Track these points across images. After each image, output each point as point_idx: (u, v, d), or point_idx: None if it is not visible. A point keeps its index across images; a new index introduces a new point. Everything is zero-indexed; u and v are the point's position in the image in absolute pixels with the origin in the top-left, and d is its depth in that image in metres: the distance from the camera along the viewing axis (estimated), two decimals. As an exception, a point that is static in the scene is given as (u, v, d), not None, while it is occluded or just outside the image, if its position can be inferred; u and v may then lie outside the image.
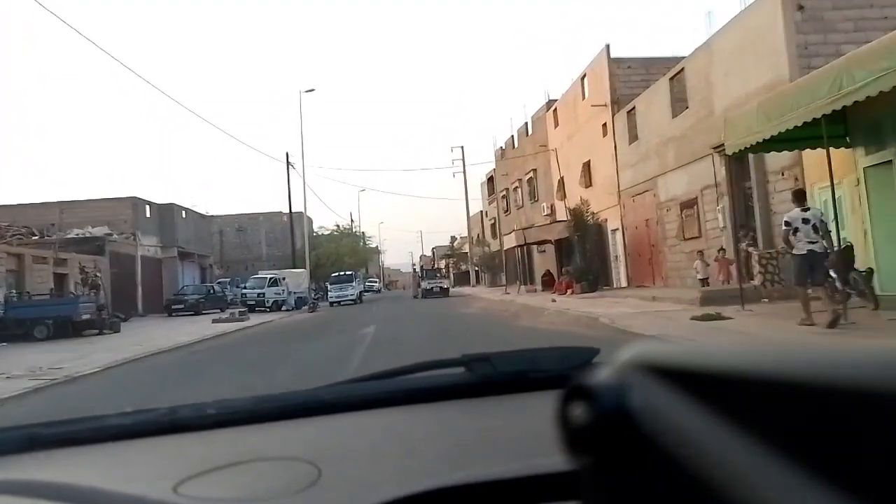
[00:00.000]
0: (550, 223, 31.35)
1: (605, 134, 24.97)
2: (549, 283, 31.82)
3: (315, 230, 52.05)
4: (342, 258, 46.42)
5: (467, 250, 69.37)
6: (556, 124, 31.46)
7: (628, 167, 22.89)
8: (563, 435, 0.38)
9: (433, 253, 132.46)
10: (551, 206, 32.76)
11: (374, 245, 58.59)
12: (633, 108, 22.17)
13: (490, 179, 61.72)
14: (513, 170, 39.92)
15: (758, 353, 0.35)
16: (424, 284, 37.62)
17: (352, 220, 59.07)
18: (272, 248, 48.77)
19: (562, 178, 30.73)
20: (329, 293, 37.83)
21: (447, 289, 37.71)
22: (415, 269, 43.52)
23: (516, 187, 39.32)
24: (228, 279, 40.89)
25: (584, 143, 27.33)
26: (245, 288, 32.85)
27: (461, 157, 60.01)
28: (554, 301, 20.01)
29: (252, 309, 31.73)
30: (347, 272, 39.21)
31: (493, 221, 60.62)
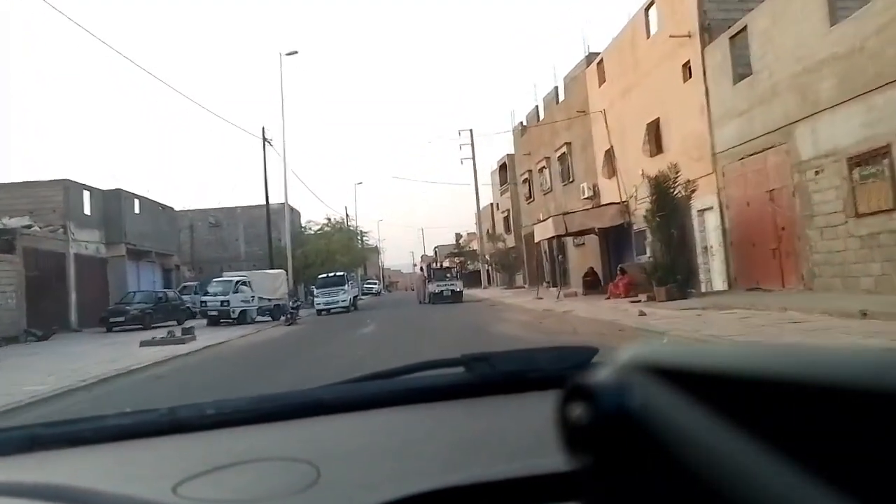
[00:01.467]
0: (592, 208, 24.36)
1: (687, 77, 17.98)
2: (592, 284, 24.85)
3: (303, 225, 45.07)
4: (333, 256, 39.42)
5: (475, 247, 62.37)
6: (602, 81, 24.46)
7: (731, 118, 15.88)
8: (563, 435, 0.38)
9: (436, 252, 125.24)
10: (593, 187, 25.75)
11: (372, 243, 51.65)
12: (744, 28, 15.15)
13: (503, 167, 54.78)
14: (537, 147, 32.94)
15: (758, 353, 0.35)
16: (433, 287, 30.64)
17: (346, 215, 51.98)
18: (252, 245, 41.79)
19: (610, 148, 23.72)
20: (315, 299, 30.80)
21: (460, 292, 30.73)
22: (420, 269, 36.48)
23: (542, 168, 32.31)
24: (197, 283, 33.87)
25: (648, 96, 20.34)
26: (206, 294, 25.74)
27: (470, 142, 53.26)
28: (642, 314, 12.97)
29: (216, 321, 24.75)
30: (338, 273, 32.25)
31: (506, 214, 53.62)
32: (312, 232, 43.44)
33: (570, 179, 28.74)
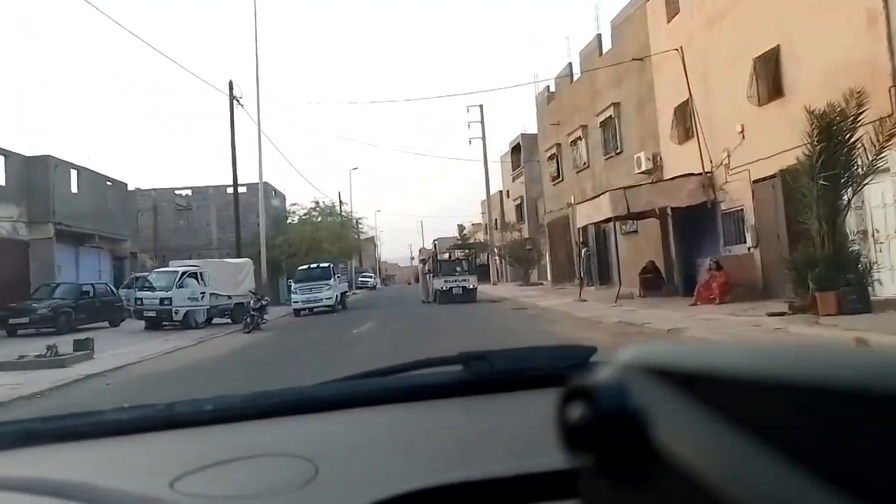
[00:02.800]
0: (654, 182, 18.27)
1: (841, -26, 11.86)
2: (652, 282, 18.81)
3: (288, 209, 38.92)
4: (320, 244, 33.31)
5: (481, 239, 56.15)
6: (673, 13, 18.35)
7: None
8: (562, 434, 0.38)
9: (435, 246, 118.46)
10: (653, 158, 19.66)
11: (367, 233, 45.33)
12: None
13: (515, 149, 48.65)
14: (570, 115, 26.84)
15: (757, 353, 0.35)
16: (440, 283, 24.54)
17: (341, 202, 45.74)
18: (227, 231, 35.60)
19: (687, 101, 17.62)
20: (292, 296, 24.69)
21: (474, 290, 24.64)
22: (423, 262, 30.34)
23: (576, 139, 26.19)
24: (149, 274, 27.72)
25: (755, 19, 14.27)
26: (143, 289, 19.59)
27: (479, 119, 47.08)
28: (862, 343, 6.84)
29: (156, 324, 18.67)
30: (322, 264, 26.13)
31: (518, 201, 47.52)
32: (297, 217, 37.27)
33: (618, 150, 22.62)
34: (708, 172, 16.67)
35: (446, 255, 27.18)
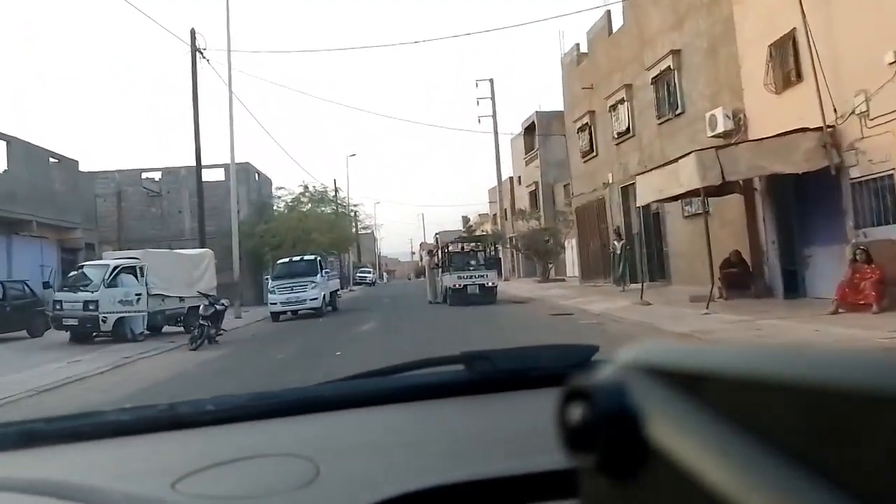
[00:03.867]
0: (759, 140, 13.52)
1: None
2: (737, 281, 14.17)
3: (274, 193, 34.22)
4: (309, 234, 28.65)
5: (489, 230, 51.40)
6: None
7: None
8: (562, 435, 0.38)
9: (436, 239, 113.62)
10: (735, 115, 14.95)
11: (365, 223, 40.38)
12: None
13: (529, 129, 43.92)
14: (608, 75, 22.14)
15: (757, 353, 0.35)
16: (451, 280, 19.86)
17: (336, 189, 40.92)
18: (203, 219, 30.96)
19: (792, 33, 12.91)
20: (269, 295, 20.06)
21: (494, 288, 19.96)
22: (429, 254, 25.51)
23: (617, 103, 21.47)
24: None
25: None
26: (65, 288, 14.92)
27: (490, 94, 42.35)
28: None
29: (83, 336, 14.05)
30: (306, 257, 21.51)
31: (532, 188, 42.84)
32: (284, 203, 32.55)
33: (677, 110, 17.92)
34: (829, 126, 11.97)
35: (458, 247, 22.46)
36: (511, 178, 49.61)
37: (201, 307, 13.23)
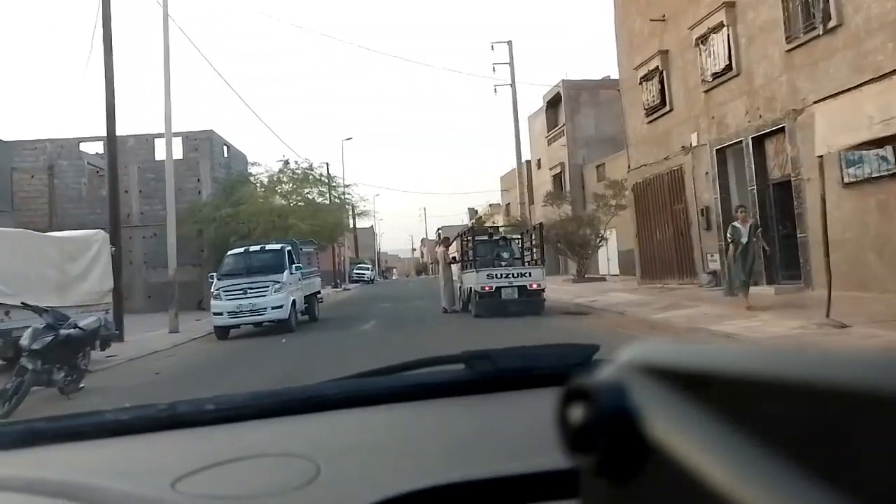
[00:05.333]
0: None
1: None
2: None
3: (250, 171, 27.89)
4: (286, 218, 22.42)
5: (500, 222, 44.86)
6: None
7: None
8: (563, 435, 0.38)
9: (439, 235, 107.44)
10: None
11: (361, 207, 33.61)
12: None
13: (553, 103, 37.64)
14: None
15: (757, 353, 0.35)
16: (478, 280, 13.59)
17: (329, 174, 34.44)
18: (153, 200, 24.78)
19: None
20: (213, 302, 13.78)
21: (540, 292, 13.66)
22: (445, 242, 19.04)
23: (711, 30, 15.17)
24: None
25: None
26: None
27: (508, 60, 35.91)
28: None
29: None
30: (270, 246, 15.28)
31: (557, 170, 36.59)
32: (259, 181, 26.28)
33: (828, 24, 11.65)
34: None
35: (488, 236, 16.33)
36: (528, 163, 43.22)
37: (26, 333, 6.96)
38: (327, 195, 27.37)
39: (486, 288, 13.53)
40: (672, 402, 0.35)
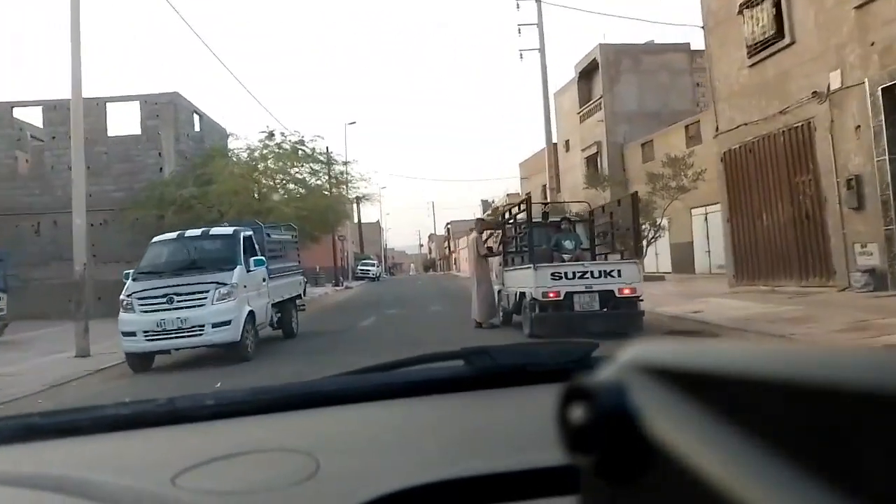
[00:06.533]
0: None
1: None
2: None
3: (229, 145, 22.92)
4: (266, 200, 17.54)
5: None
6: None
7: None
8: (562, 434, 0.38)
9: (448, 230, 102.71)
10: None
11: (361, 189, 28.38)
12: None
13: (586, 75, 32.55)
14: None
15: (758, 353, 0.36)
16: (541, 281, 8.58)
17: (329, 158, 29.32)
18: (102, 177, 19.92)
19: None
20: (121, 316, 8.74)
21: (636, 303, 8.79)
22: (484, 226, 13.87)
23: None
24: None
25: None
26: None
27: (536, 20, 30.78)
28: None
29: None
30: (214, 230, 10.29)
31: (594, 150, 31.54)
32: (236, 156, 21.33)
33: None
34: None
35: (542, 216, 11.45)
36: (554, 145, 38.03)
37: None
38: (322, 175, 22.39)
39: (551, 294, 8.58)
40: (672, 402, 0.35)
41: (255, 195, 18.20)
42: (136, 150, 20.44)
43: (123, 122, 23.24)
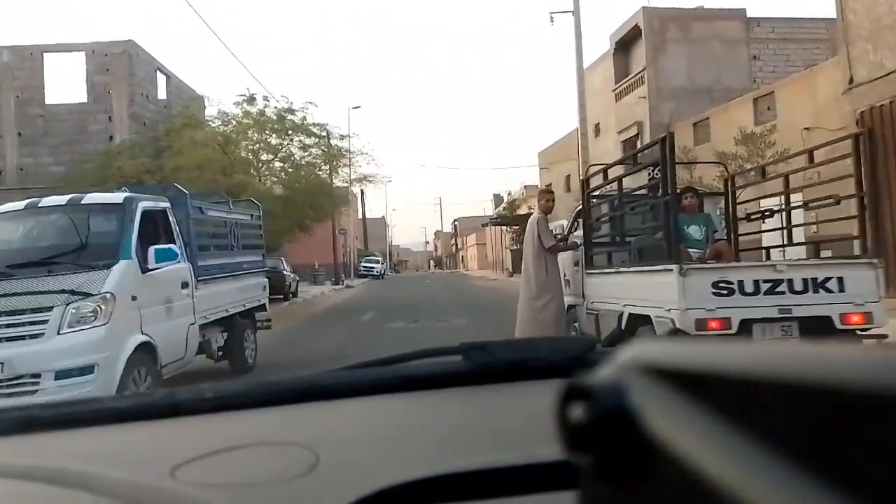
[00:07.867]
0: None
1: None
2: None
3: (208, 117, 18.78)
4: (233, 175, 13.38)
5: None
6: None
7: None
8: (561, 434, 0.38)
9: (455, 227, 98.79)
10: None
11: (360, 169, 24.35)
12: None
13: (623, 46, 28.29)
14: None
15: (758, 353, 0.35)
16: (694, 299, 4.40)
17: (328, 138, 25.12)
18: (39, 147, 15.82)
19: None
20: None
21: (882, 340, 4.66)
22: (543, 209, 8.26)
23: None
24: None
25: None
26: None
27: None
28: None
29: None
30: (87, 198, 6.18)
31: (633, 132, 27.26)
32: (206, 124, 17.19)
33: None
34: None
35: (688, 187, 7.18)
36: (577, 131, 33.70)
37: None
38: (315, 150, 18.25)
39: (714, 324, 4.46)
40: (672, 402, 0.35)
41: (222, 170, 14.07)
42: (79, 112, 16.37)
43: (67, 79, 19.18)
